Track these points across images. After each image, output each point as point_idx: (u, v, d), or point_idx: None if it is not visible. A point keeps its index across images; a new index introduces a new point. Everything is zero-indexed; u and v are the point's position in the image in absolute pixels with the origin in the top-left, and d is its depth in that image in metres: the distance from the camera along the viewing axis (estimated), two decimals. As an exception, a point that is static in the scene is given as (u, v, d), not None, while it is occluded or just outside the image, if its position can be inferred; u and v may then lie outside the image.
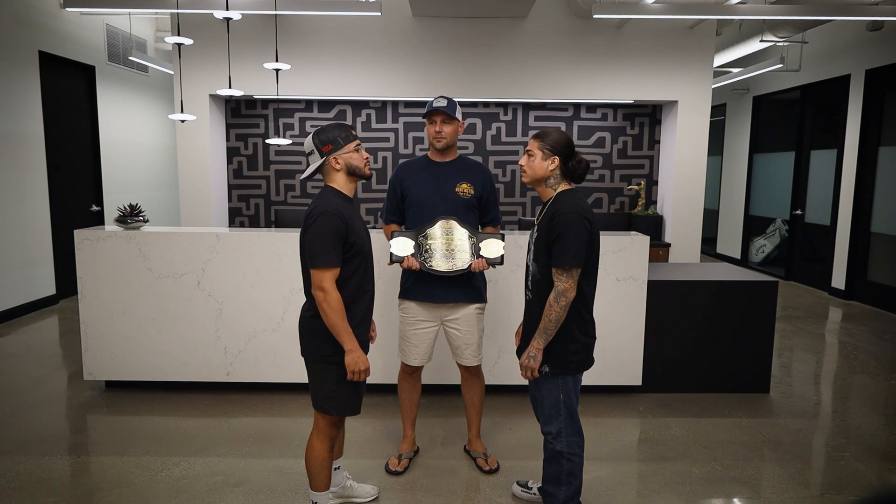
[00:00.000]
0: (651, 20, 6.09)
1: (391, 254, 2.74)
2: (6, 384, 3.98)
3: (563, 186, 2.33)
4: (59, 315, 5.74)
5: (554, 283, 2.22)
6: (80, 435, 3.35)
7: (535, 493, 2.68)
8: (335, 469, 2.61)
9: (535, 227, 2.36)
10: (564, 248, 2.18)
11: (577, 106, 6.65)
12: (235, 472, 2.89)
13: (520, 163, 2.35)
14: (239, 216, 6.75)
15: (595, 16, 5.18)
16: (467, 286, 2.82)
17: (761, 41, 6.45)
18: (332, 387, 2.27)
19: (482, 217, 2.91)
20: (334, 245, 2.16)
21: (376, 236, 3.44)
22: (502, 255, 2.75)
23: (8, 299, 5.50)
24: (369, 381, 3.64)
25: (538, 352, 2.26)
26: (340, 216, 2.17)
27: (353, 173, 2.28)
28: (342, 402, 2.29)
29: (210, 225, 6.28)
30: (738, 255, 8.96)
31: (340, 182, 2.28)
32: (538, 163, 2.29)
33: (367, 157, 2.30)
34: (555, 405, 2.33)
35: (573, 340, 2.30)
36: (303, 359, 2.34)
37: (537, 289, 2.32)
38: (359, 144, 2.29)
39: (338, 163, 2.24)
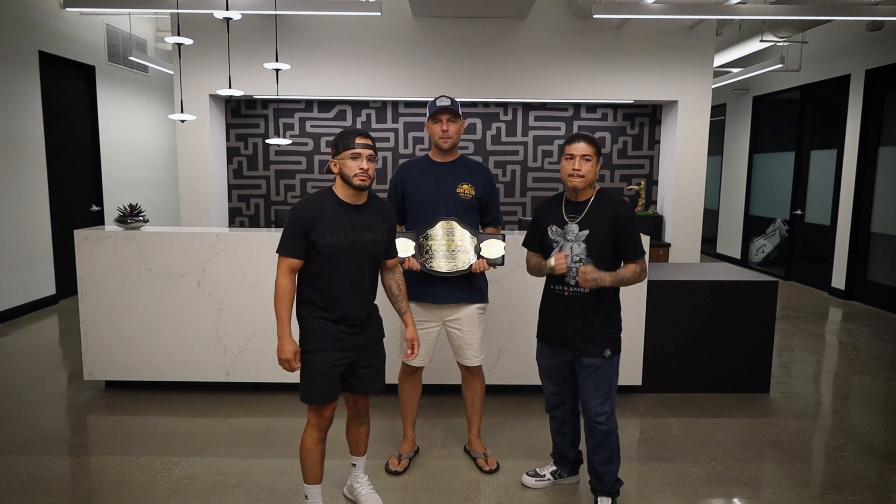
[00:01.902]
0: (651, 20, 6.09)
1: None
2: (6, 384, 3.98)
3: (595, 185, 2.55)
4: (59, 315, 5.74)
5: (640, 265, 2.46)
6: (80, 435, 3.35)
7: (548, 479, 2.80)
8: (352, 465, 2.65)
9: (576, 225, 2.46)
10: (639, 239, 2.47)
11: (577, 106, 6.65)
12: (235, 472, 2.89)
13: (576, 167, 2.42)
14: (239, 216, 6.75)
15: (595, 16, 5.18)
16: (468, 287, 2.82)
17: (761, 41, 6.45)
18: (301, 375, 2.38)
19: (483, 218, 2.91)
20: (293, 237, 2.28)
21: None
22: (503, 256, 2.75)
23: (8, 299, 5.50)
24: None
25: (604, 282, 2.37)
26: (306, 211, 2.28)
27: (344, 180, 2.32)
28: (303, 390, 2.38)
29: (210, 225, 6.28)
30: (738, 255, 8.96)
31: (338, 185, 2.36)
32: (594, 167, 2.45)
33: (362, 168, 2.27)
34: (611, 386, 2.51)
35: (620, 321, 2.57)
36: None
37: None
38: (356, 154, 2.27)
39: (335, 167, 2.33)
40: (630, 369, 3.76)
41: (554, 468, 2.83)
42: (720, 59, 7.35)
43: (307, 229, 2.28)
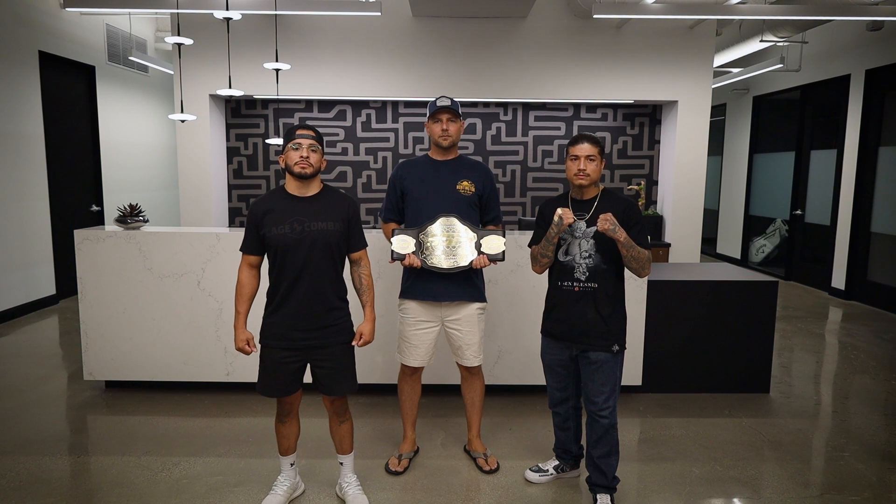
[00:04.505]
0: (651, 20, 6.09)
1: (392, 251, 2.74)
2: (6, 384, 3.98)
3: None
4: (59, 315, 5.74)
5: (646, 253, 2.48)
6: (80, 435, 3.35)
7: (551, 473, 2.84)
8: (340, 464, 2.68)
9: (584, 223, 2.51)
10: (645, 231, 2.52)
11: (577, 106, 6.65)
12: (235, 472, 2.89)
13: (581, 168, 2.48)
14: (239, 216, 6.75)
15: (595, 16, 5.18)
16: (468, 285, 2.83)
17: (761, 41, 6.45)
18: (259, 365, 2.50)
19: (483, 216, 2.92)
20: (248, 233, 2.46)
21: (370, 236, 3.44)
22: (504, 251, 2.76)
23: (8, 299, 5.50)
24: (370, 380, 3.65)
25: (619, 236, 2.39)
26: (257, 208, 2.43)
27: (288, 171, 2.42)
28: (258, 380, 2.50)
29: (210, 225, 6.28)
30: (738, 255, 8.96)
31: (287, 179, 2.47)
32: (598, 166, 2.52)
33: (302, 156, 2.37)
34: (616, 381, 2.57)
35: (626, 316, 2.61)
36: None
37: (603, 277, 2.53)
38: (297, 144, 2.38)
39: (282, 161, 2.44)
40: (630, 369, 3.76)
41: (557, 462, 2.86)
42: (720, 59, 7.35)
43: (258, 225, 2.42)
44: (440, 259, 2.74)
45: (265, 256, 2.49)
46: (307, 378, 2.53)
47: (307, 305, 2.41)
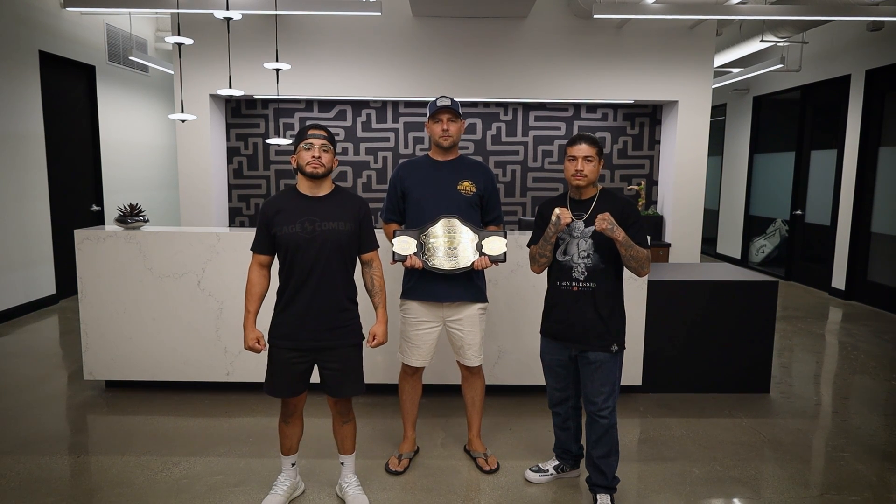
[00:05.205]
0: (651, 20, 6.09)
1: (394, 253, 2.74)
2: (6, 384, 3.98)
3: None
4: (59, 315, 5.74)
5: (645, 252, 2.48)
6: (80, 435, 3.35)
7: (551, 473, 2.84)
8: (341, 464, 2.68)
9: (582, 223, 2.52)
10: (643, 230, 2.53)
11: (577, 106, 6.65)
12: (235, 472, 2.89)
13: (579, 168, 2.49)
14: (239, 216, 6.75)
15: (595, 16, 5.18)
16: (470, 285, 2.83)
17: (761, 41, 6.45)
18: (267, 365, 2.50)
19: (484, 217, 2.92)
20: (259, 233, 2.47)
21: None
22: (505, 252, 2.76)
23: (8, 299, 5.50)
24: (371, 381, 3.64)
25: (617, 235, 2.40)
26: (268, 208, 2.44)
27: (301, 171, 2.43)
28: (265, 380, 2.51)
29: (210, 225, 6.28)
30: (738, 256, 8.96)
31: (299, 179, 2.49)
32: (596, 167, 2.51)
33: (314, 156, 2.38)
34: (615, 382, 2.57)
35: (625, 315, 2.62)
36: None
37: (602, 276, 2.53)
38: (308, 144, 2.39)
39: (294, 161, 2.46)
40: (630, 369, 3.76)
41: (556, 462, 2.87)
42: (720, 59, 7.35)
43: (269, 224, 2.42)
44: (442, 260, 2.74)
45: (276, 256, 2.49)
46: (314, 378, 2.53)
47: (316, 305, 2.40)
